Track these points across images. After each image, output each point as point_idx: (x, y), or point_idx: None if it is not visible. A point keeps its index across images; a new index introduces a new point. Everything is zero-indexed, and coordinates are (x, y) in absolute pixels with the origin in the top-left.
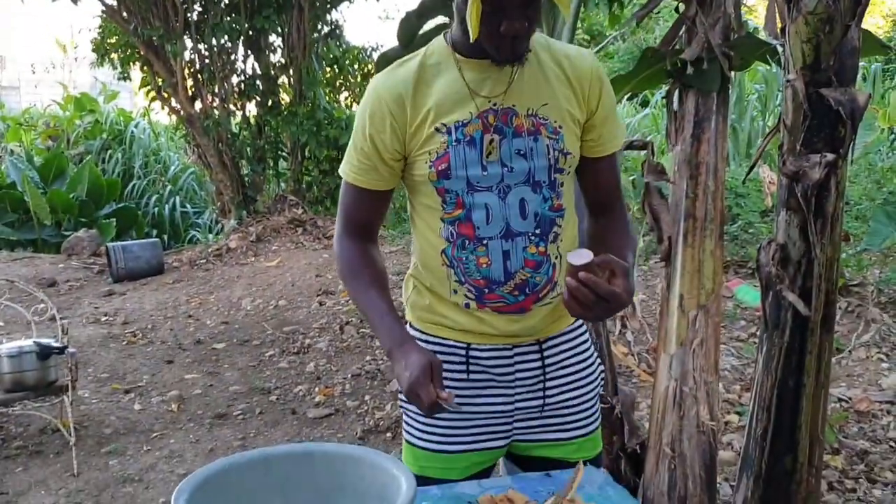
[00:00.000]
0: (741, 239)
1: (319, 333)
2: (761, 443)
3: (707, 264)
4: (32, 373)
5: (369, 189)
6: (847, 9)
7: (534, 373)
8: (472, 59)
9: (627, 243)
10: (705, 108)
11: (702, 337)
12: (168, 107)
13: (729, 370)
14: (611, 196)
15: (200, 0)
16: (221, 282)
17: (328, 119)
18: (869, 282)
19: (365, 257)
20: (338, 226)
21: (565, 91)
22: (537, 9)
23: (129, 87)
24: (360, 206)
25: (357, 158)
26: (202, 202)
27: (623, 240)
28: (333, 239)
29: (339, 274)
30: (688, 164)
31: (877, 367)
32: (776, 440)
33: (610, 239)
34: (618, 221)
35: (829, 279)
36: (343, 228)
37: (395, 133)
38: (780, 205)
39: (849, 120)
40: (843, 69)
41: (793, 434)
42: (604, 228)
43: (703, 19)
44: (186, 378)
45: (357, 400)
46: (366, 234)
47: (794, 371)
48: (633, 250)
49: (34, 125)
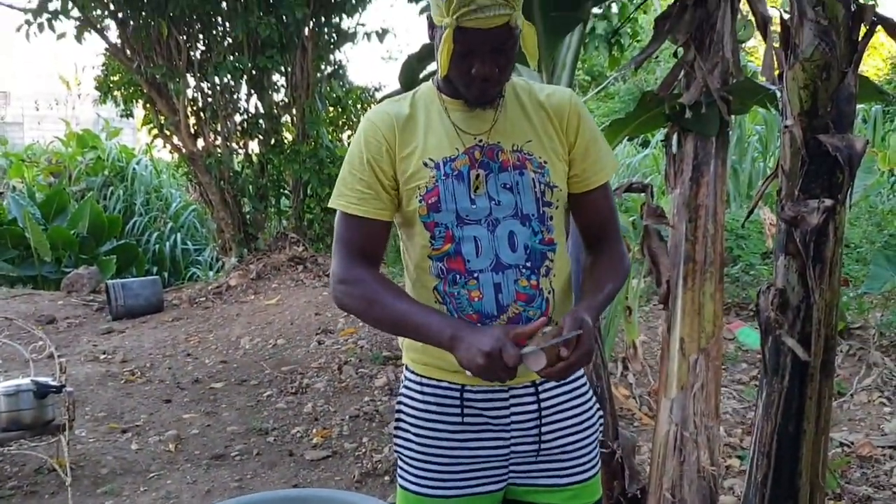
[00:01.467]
0: (742, 281)
1: (318, 373)
2: (761, 489)
3: (707, 307)
4: (29, 412)
5: (372, 218)
6: (843, 55)
7: (530, 416)
8: (456, 100)
9: (612, 275)
10: (704, 151)
11: (703, 381)
12: (170, 144)
13: (730, 413)
14: (604, 229)
15: (204, 39)
16: (221, 320)
17: (330, 157)
18: (870, 325)
19: (378, 279)
20: (338, 263)
21: (547, 128)
22: (510, 57)
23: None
24: (365, 236)
25: (355, 189)
26: (203, 239)
27: (608, 271)
28: (332, 279)
29: (353, 307)
30: (687, 207)
31: (879, 412)
32: (776, 486)
33: (597, 271)
34: (609, 253)
35: (828, 324)
36: (346, 259)
37: (390, 157)
38: (779, 250)
39: (847, 166)
40: (841, 115)
41: (793, 480)
42: (595, 261)
43: (702, 64)
44: (184, 418)
45: (355, 442)
46: (372, 263)
47: (793, 417)
48: (622, 278)
49: (37, 161)
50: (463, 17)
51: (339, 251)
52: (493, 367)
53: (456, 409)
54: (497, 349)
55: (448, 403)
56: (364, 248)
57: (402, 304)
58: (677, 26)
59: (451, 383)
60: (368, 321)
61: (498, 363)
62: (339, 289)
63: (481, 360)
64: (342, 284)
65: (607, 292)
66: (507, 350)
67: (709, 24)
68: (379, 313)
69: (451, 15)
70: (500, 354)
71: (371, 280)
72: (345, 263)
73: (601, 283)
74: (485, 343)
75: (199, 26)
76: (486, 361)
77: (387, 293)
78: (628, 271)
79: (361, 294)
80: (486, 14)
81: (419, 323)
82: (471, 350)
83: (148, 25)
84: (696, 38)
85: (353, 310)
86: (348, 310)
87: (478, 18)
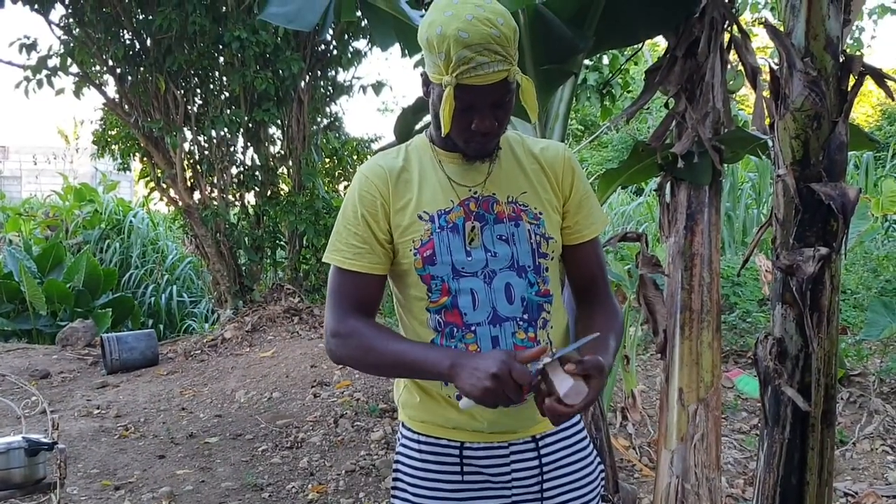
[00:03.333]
0: (740, 328)
1: (313, 427)
2: None
3: (705, 356)
4: (20, 470)
5: (367, 273)
6: (833, 105)
7: (531, 472)
8: (450, 153)
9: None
10: (698, 200)
11: (703, 431)
12: (167, 197)
13: (731, 464)
14: (595, 283)
15: (201, 93)
16: (216, 373)
17: (327, 208)
18: (870, 371)
19: (374, 326)
20: (331, 316)
21: (542, 180)
22: (507, 111)
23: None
24: (359, 289)
25: (350, 243)
26: (199, 292)
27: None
28: (326, 333)
29: (349, 358)
30: (682, 255)
31: (882, 460)
32: None
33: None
34: (602, 306)
35: (827, 373)
36: (341, 312)
37: (384, 211)
38: (776, 298)
39: (840, 214)
40: (833, 164)
41: None
42: (590, 314)
43: (693, 114)
44: (178, 474)
45: (351, 497)
46: (367, 314)
47: (796, 468)
48: (618, 336)
49: (34, 215)
50: (463, 75)
51: (332, 305)
52: (501, 389)
53: (455, 467)
54: (505, 370)
55: (447, 461)
56: (359, 300)
57: (398, 344)
58: (668, 77)
59: (449, 440)
60: (366, 369)
61: (507, 384)
62: (333, 342)
63: (488, 382)
64: (336, 337)
65: (613, 351)
66: (515, 368)
67: (699, 75)
68: (376, 359)
69: (451, 73)
70: (510, 374)
71: (365, 328)
72: (338, 316)
73: (607, 342)
74: (490, 365)
75: (197, 80)
76: (494, 384)
77: (381, 338)
78: (622, 326)
79: (357, 344)
80: (486, 71)
81: (416, 359)
82: (475, 374)
83: (146, 80)
84: (686, 88)
85: (350, 360)
86: (344, 362)
87: (478, 75)
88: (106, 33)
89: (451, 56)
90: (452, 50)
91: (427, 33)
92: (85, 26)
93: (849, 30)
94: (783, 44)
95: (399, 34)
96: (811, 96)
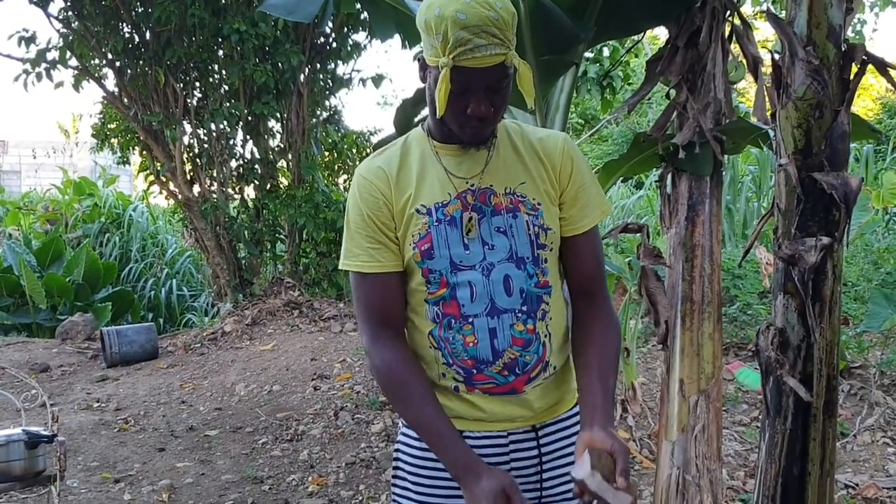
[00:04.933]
0: (740, 320)
1: (314, 419)
2: None
3: (706, 348)
4: (19, 462)
5: (385, 273)
6: (836, 94)
7: (530, 461)
8: (447, 145)
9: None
10: (699, 191)
11: (703, 423)
12: (166, 191)
13: (732, 456)
14: (592, 280)
15: (200, 86)
16: (216, 366)
17: (326, 202)
18: (871, 364)
19: (407, 367)
20: (365, 329)
21: (540, 170)
22: (504, 96)
23: (128, 171)
24: (381, 294)
25: (364, 246)
26: (199, 285)
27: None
28: (365, 344)
29: (379, 384)
30: (683, 246)
31: (883, 452)
32: None
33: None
34: (600, 318)
35: (829, 364)
36: (372, 329)
37: (388, 209)
38: (777, 289)
39: (843, 204)
40: (835, 153)
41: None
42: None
43: (694, 104)
44: (178, 467)
45: (351, 490)
46: (395, 326)
47: (797, 458)
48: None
49: (33, 209)
50: (459, 57)
51: (362, 319)
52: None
53: None
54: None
55: None
56: (383, 306)
57: (424, 412)
58: (669, 68)
59: None
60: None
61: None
62: (370, 363)
63: None
64: (371, 360)
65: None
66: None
67: (700, 65)
68: (400, 407)
69: (448, 55)
70: None
71: (396, 364)
72: (368, 332)
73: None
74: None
75: (196, 74)
76: None
77: (411, 390)
78: (619, 330)
79: (385, 378)
80: (483, 53)
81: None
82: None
83: (145, 74)
84: (687, 79)
85: (381, 388)
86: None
87: (474, 58)
88: (105, 26)
89: (448, 37)
90: (450, 31)
91: (425, 15)
92: (84, 19)
93: (851, 18)
94: (785, 32)
95: (399, 25)
96: (813, 85)
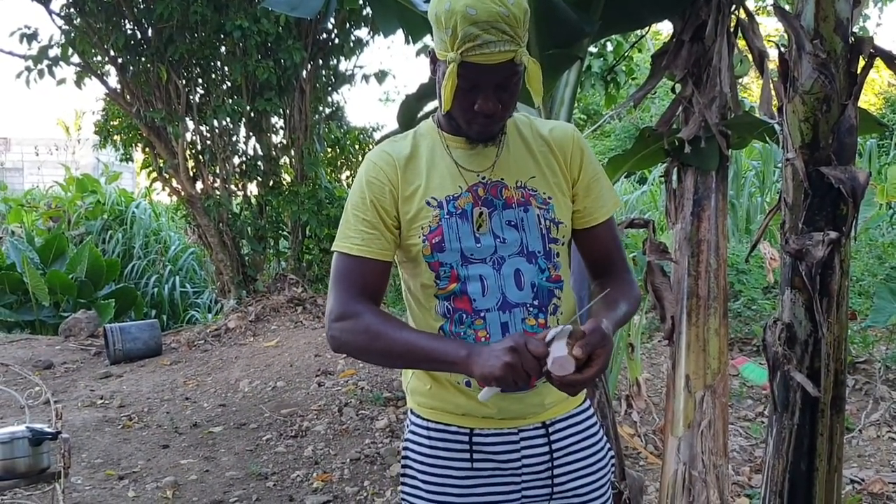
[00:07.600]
0: (745, 316)
1: (318, 415)
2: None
3: (712, 343)
4: (24, 459)
5: (375, 259)
6: (843, 88)
7: (541, 458)
8: (458, 138)
9: (625, 297)
10: (704, 185)
11: (710, 418)
12: (169, 187)
13: (738, 451)
14: (611, 261)
15: (203, 83)
16: (219, 363)
17: (329, 198)
18: (875, 359)
19: (381, 312)
20: (335, 300)
21: (550, 163)
22: (513, 94)
23: (131, 168)
24: (366, 277)
25: (359, 230)
26: (202, 282)
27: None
28: (327, 319)
29: (353, 343)
30: (689, 242)
31: (888, 447)
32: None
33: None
34: (619, 280)
35: (837, 359)
36: (344, 297)
37: (393, 197)
38: (785, 283)
39: (850, 198)
40: (842, 147)
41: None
42: (604, 284)
43: (700, 99)
44: (182, 463)
45: (356, 486)
46: (373, 300)
47: (805, 454)
48: (635, 304)
49: (36, 206)
50: (468, 52)
51: (337, 289)
52: (519, 363)
53: (465, 454)
54: (521, 342)
55: (457, 448)
56: (365, 287)
57: (410, 332)
58: (675, 62)
59: (459, 427)
60: (371, 357)
61: (525, 357)
62: (337, 326)
63: (507, 357)
64: (340, 321)
65: (622, 313)
66: (531, 342)
67: (706, 59)
68: (384, 345)
69: (456, 50)
70: (525, 346)
71: (371, 313)
72: (342, 299)
73: (616, 303)
74: (506, 342)
75: (199, 70)
76: (513, 357)
77: (391, 324)
78: (640, 298)
79: (364, 328)
80: (492, 49)
81: (430, 347)
82: (493, 353)
83: (147, 70)
84: (693, 73)
85: (354, 346)
86: (347, 348)
87: (483, 54)
88: (107, 22)
89: (457, 32)
90: (459, 26)
91: (436, 8)
92: (86, 16)
93: (859, 12)
94: (792, 26)
95: (402, 20)
96: (820, 79)
